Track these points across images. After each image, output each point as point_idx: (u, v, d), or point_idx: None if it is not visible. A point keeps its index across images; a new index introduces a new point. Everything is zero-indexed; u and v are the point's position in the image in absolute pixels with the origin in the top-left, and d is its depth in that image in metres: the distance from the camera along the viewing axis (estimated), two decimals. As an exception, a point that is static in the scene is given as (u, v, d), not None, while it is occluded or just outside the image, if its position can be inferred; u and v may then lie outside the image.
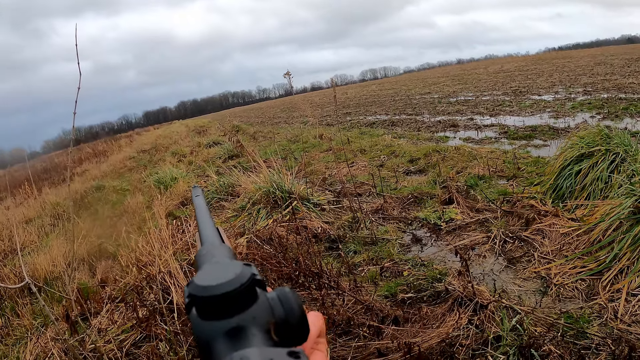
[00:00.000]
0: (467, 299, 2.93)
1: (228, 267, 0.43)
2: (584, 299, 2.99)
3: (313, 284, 3.13)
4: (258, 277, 0.43)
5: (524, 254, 3.75)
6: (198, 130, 28.40)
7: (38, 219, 9.52)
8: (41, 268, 5.30)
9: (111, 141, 37.75)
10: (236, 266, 0.43)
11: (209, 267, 0.44)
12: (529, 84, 19.20)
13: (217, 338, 0.38)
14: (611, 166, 4.40)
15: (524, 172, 5.81)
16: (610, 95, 11.85)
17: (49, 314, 2.63)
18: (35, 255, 5.68)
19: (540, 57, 55.14)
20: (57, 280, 5.09)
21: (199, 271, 0.43)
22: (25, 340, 3.74)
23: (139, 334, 3.29)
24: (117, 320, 3.61)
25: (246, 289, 0.40)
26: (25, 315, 4.27)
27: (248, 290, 0.41)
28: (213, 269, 0.43)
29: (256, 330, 0.39)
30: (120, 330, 3.45)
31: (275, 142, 12.76)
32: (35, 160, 31.67)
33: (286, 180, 5.52)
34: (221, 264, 0.44)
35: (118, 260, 4.91)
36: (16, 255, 7.15)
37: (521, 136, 8.54)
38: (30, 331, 3.93)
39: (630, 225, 3.32)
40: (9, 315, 4.41)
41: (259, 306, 0.40)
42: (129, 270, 4.47)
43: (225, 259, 0.48)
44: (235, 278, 0.41)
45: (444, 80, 34.06)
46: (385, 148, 9.18)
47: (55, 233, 7.66)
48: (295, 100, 37.47)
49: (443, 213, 4.76)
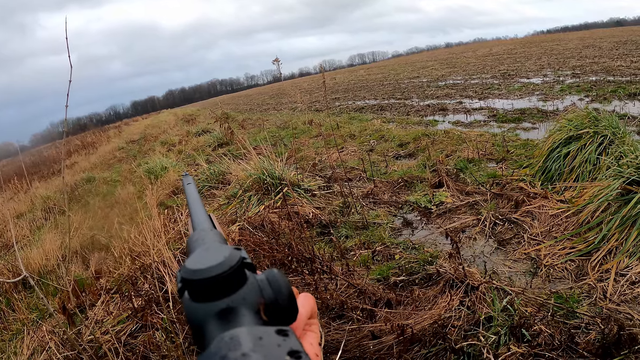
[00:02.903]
0: (458, 280, 2.96)
1: (218, 250, 0.44)
2: (574, 279, 3.04)
3: (306, 269, 3.16)
4: (247, 260, 0.45)
5: (514, 235, 3.79)
6: (187, 119, 28.23)
7: (29, 213, 9.47)
8: (35, 262, 5.28)
9: (100, 132, 37.50)
10: (226, 250, 0.44)
11: (200, 251, 0.45)
12: (517, 67, 19.23)
13: (208, 319, 0.40)
14: (599, 148, 4.44)
15: (513, 154, 5.85)
16: (598, 78, 11.90)
17: (48, 307, 2.63)
18: (28, 250, 5.66)
19: (529, 40, 55.21)
20: (51, 273, 5.09)
21: (190, 256, 0.45)
22: (21, 334, 3.74)
23: (135, 324, 3.31)
24: (113, 311, 3.62)
25: (235, 271, 0.42)
26: (21, 309, 4.28)
27: (237, 272, 0.42)
28: (203, 253, 0.44)
29: (246, 310, 0.40)
30: (116, 321, 3.46)
31: (264, 129, 12.73)
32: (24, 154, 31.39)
33: (277, 166, 5.52)
34: (211, 248, 0.46)
35: (111, 252, 4.91)
36: (8, 250, 7.14)
37: (510, 119, 8.58)
38: (27, 325, 3.93)
39: (618, 207, 3.37)
40: (4, 309, 4.40)
41: (248, 288, 0.42)
42: (123, 261, 4.48)
43: (216, 243, 0.49)
44: (224, 261, 0.42)
45: (433, 64, 34.02)
46: (374, 133, 9.20)
47: (47, 227, 7.63)
48: (284, 87, 37.31)
49: (433, 196, 4.80)
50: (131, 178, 10.30)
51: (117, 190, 8.70)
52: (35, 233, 7.46)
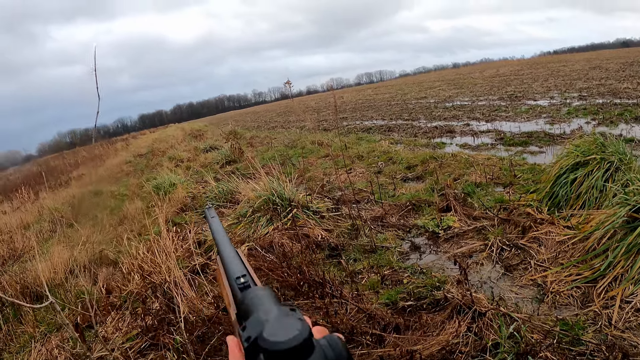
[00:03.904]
0: (465, 306, 2.99)
1: (289, 321, 0.53)
2: (579, 306, 3.06)
3: (317, 293, 3.20)
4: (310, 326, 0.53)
5: (521, 261, 3.82)
6: (194, 134, 28.44)
7: (36, 224, 9.54)
8: (42, 275, 5.32)
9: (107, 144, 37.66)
10: (295, 321, 0.53)
11: (272, 322, 0.53)
12: (524, 89, 19.33)
13: None
14: (606, 174, 4.48)
15: (520, 179, 5.88)
16: (605, 101, 11.96)
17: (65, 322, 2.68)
18: (35, 262, 5.70)
19: (536, 61, 55.40)
20: (59, 287, 5.12)
21: (266, 326, 0.52)
22: (29, 347, 3.78)
23: (144, 342, 3.35)
24: (122, 327, 3.66)
25: (307, 341, 0.50)
26: (29, 322, 4.31)
27: (308, 342, 0.50)
28: (276, 324, 0.53)
29: None
30: (125, 338, 3.50)
31: (272, 148, 12.81)
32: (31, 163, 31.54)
33: (286, 187, 5.57)
34: (280, 318, 0.54)
35: (119, 268, 4.95)
36: (15, 261, 7.19)
37: (517, 142, 8.62)
38: (35, 338, 3.97)
39: (624, 234, 3.39)
40: (12, 322, 4.44)
41: (316, 355, 0.50)
42: (132, 277, 4.52)
43: (273, 306, 0.58)
44: (299, 334, 0.50)
45: (440, 85, 34.19)
46: (382, 154, 9.25)
47: (54, 239, 7.68)
48: (291, 105, 37.52)
49: (441, 221, 4.83)
50: (139, 193, 10.36)
51: (125, 204, 8.75)
52: (42, 245, 7.50)
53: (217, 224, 0.97)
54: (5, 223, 10.07)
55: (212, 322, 3.14)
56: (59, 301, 4.31)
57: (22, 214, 11.02)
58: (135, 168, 17.73)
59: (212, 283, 4.02)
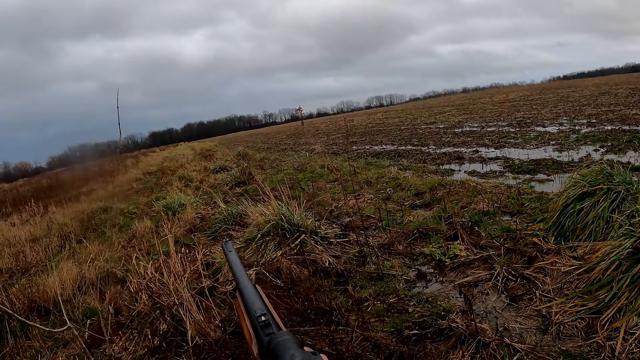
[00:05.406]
0: (470, 336, 3.02)
1: None
2: (583, 337, 3.07)
3: (323, 320, 3.24)
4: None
5: (526, 291, 3.83)
6: (204, 154, 28.66)
7: (45, 238, 9.60)
8: (50, 290, 5.36)
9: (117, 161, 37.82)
10: None
11: None
12: (533, 115, 19.41)
13: None
14: (612, 205, 4.50)
15: (528, 208, 5.90)
16: (614, 127, 12.03)
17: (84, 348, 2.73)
18: (44, 277, 5.74)
19: (545, 87, 55.65)
20: (67, 303, 5.16)
21: None
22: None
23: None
24: (129, 347, 3.70)
25: None
26: (36, 337, 4.35)
27: None
28: None
29: None
30: (131, 358, 3.54)
31: (282, 171, 12.88)
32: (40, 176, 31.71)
33: (295, 213, 5.63)
34: None
35: (127, 286, 4.99)
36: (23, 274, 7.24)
37: (525, 170, 8.67)
38: (41, 353, 4.01)
39: (629, 265, 3.41)
40: (19, 336, 4.47)
41: None
42: (139, 297, 4.56)
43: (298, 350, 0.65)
44: None
45: (450, 110, 34.37)
46: (391, 180, 9.29)
47: (63, 254, 7.74)
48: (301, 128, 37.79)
49: (448, 249, 4.86)
50: (148, 212, 10.44)
51: (134, 222, 8.82)
52: (50, 259, 7.55)
53: (234, 258, 1.04)
54: (14, 235, 10.16)
55: (220, 346, 3.18)
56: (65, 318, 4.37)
57: (31, 227, 11.09)
58: (145, 186, 17.85)
59: (220, 306, 4.07)
